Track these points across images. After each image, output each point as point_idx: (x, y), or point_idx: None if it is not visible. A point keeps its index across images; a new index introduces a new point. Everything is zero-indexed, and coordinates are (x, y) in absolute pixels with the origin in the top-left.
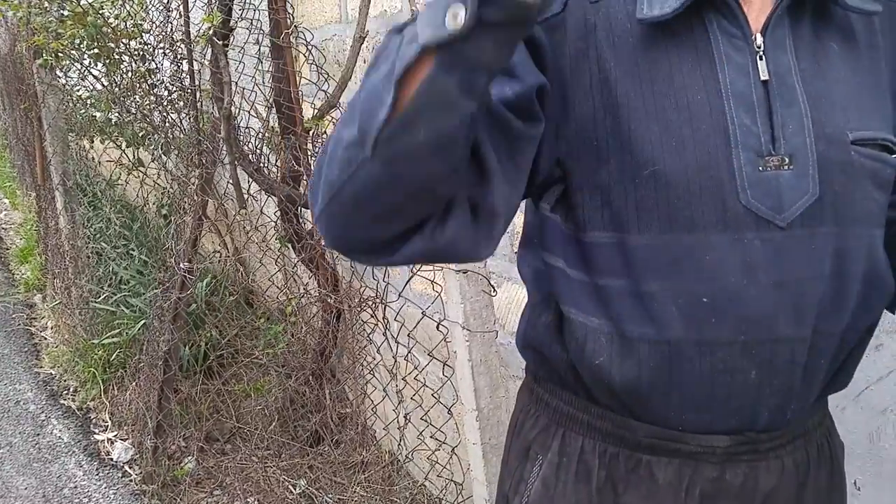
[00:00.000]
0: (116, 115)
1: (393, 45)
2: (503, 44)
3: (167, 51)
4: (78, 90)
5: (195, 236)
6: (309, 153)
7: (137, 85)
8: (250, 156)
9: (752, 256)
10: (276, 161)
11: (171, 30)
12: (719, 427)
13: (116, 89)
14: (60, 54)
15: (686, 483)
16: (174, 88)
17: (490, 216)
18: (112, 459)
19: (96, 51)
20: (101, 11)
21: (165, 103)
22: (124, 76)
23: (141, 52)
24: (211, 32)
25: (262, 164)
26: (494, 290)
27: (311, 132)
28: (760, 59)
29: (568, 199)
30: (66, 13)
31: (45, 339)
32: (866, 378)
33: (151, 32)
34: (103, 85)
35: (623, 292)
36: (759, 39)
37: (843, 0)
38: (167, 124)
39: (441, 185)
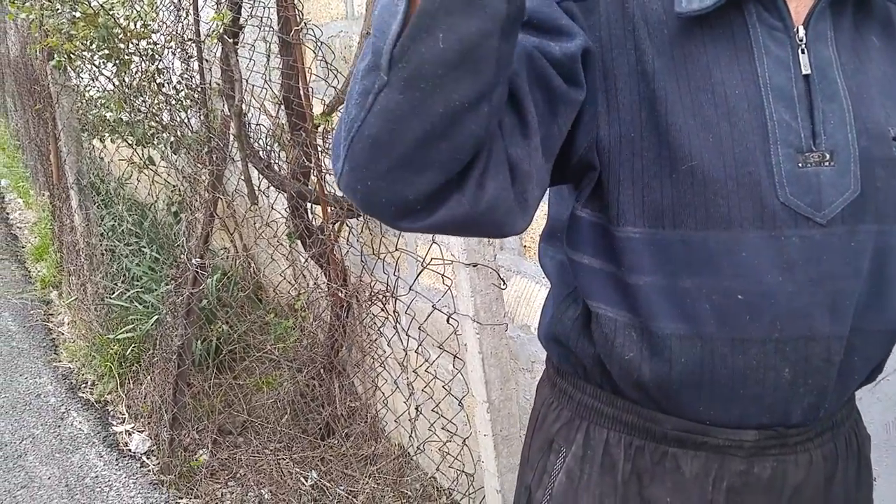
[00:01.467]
0: (127, 114)
1: None
2: None
3: (176, 50)
4: (89, 90)
5: (207, 232)
6: (319, 149)
7: (147, 85)
8: (261, 152)
9: (790, 254)
10: (287, 158)
11: (182, 29)
12: (749, 422)
13: (126, 89)
14: (73, 55)
15: (713, 476)
16: (182, 87)
17: (527, 179)
18: (130, 450)
19: (107, 51)
20: (111, 12)
21: (174, 102)
22: (134, 77)
23: (150, 52)
24: (221, 31)
25: (272, 161)
26: (504, 283)
27: (320, 128)
28: (802, 52)
29: (601, 191)
30: (77, 14)
31: (63, 334)
32: (885, 368)
33: (161, 32)
34: (114, 84)
35: (655, 288)
36: (802, 32)
37: None
38: (176, 123)
39: (470, 119)
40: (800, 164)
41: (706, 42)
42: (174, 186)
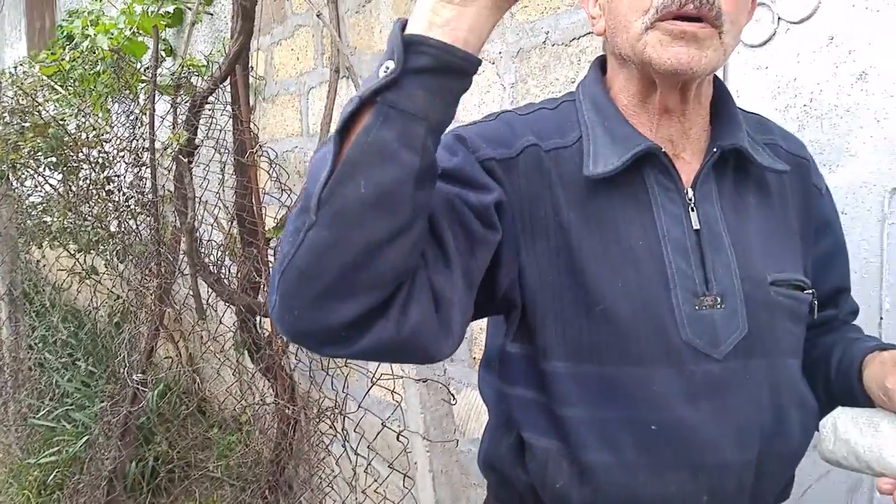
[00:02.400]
0: (70, 221)
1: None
2: (435, 93)
3: (129, 161)
4: (30, 195)
5: (151, 347)
6: (270, 265)
7: (94, 192)
8: (211, 266)
9: (695, 388)
10: (237, 272)
11: (138, 146)
12: None
13: (72, 196)
14: (17, 164)
15: None
16: (133, 194)
17: (450, 306)
18: None
19: (54, 159)
20: (62, 122)
21: (122, 210)
22: (82, 183)
23: (101, 161)
24: (176, 150)
25: (222, 275)
26: (454, 398)
27: (272, 242)
28: (692, 210)
29: (528, 327)
30: (27, 125)
31: None
32: (808, 478)
33: (113, 143)
34: (59, 193)
35: (581, 419)
36: (690, 193)
37: (759, 162)
38: (123, 230)
39: (389, 252)
40: (696, 307)
41: (613, 199)
42: (118, 296)
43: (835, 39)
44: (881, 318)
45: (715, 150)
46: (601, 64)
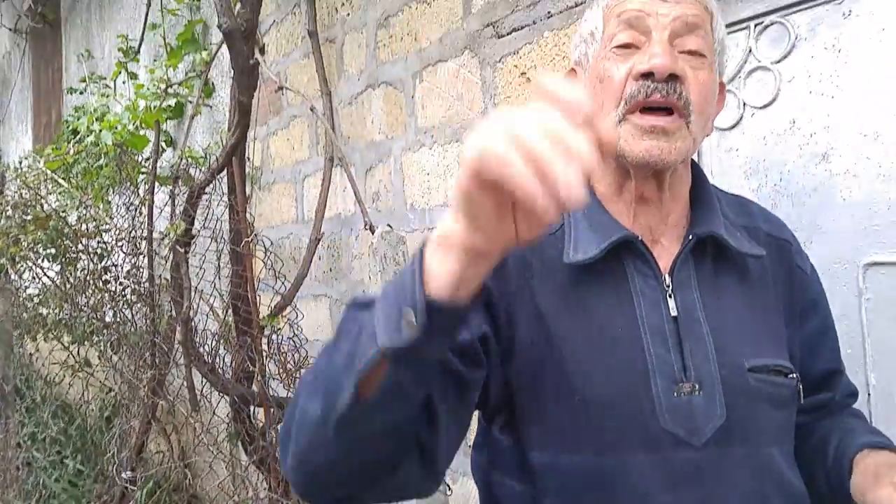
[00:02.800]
0: (66, 312)
1: (353, 327)
2: (450, 341)
3: (127, 251)
4: (27, 287)
5: (142, 442)
6: (264, 354)
7: (91, 281)
8: (205, 356)
9: (675, 476)
10: (231, 362)
11: (137, 236)
12: None
13: (69, 287)
14: (17, 258)
15: None
16: (129, 283)
17: (434, 453)
18: None
19: (53, 251)
20: (63, 214)
21: (118, 299)
22: (79, 274)
23: (98, 251)
24: (174, 240)
25: (216, 365)
26: (450, 488)
27: (266, 331)
28: (670, 296)
29: (514, 419)
30: (28, 218)
31: None
32: None
33: (112, 233)
34: (56, 284)
35: None
36: (668, 279)
37: (735, 248)
38: (118, 320)
39: (393, 455)
40: (675, 394)
41: (593, 286)
42: (109, 389)
43: (796, 123)
44: (868, 395)
45: (690, 237)
46: None
